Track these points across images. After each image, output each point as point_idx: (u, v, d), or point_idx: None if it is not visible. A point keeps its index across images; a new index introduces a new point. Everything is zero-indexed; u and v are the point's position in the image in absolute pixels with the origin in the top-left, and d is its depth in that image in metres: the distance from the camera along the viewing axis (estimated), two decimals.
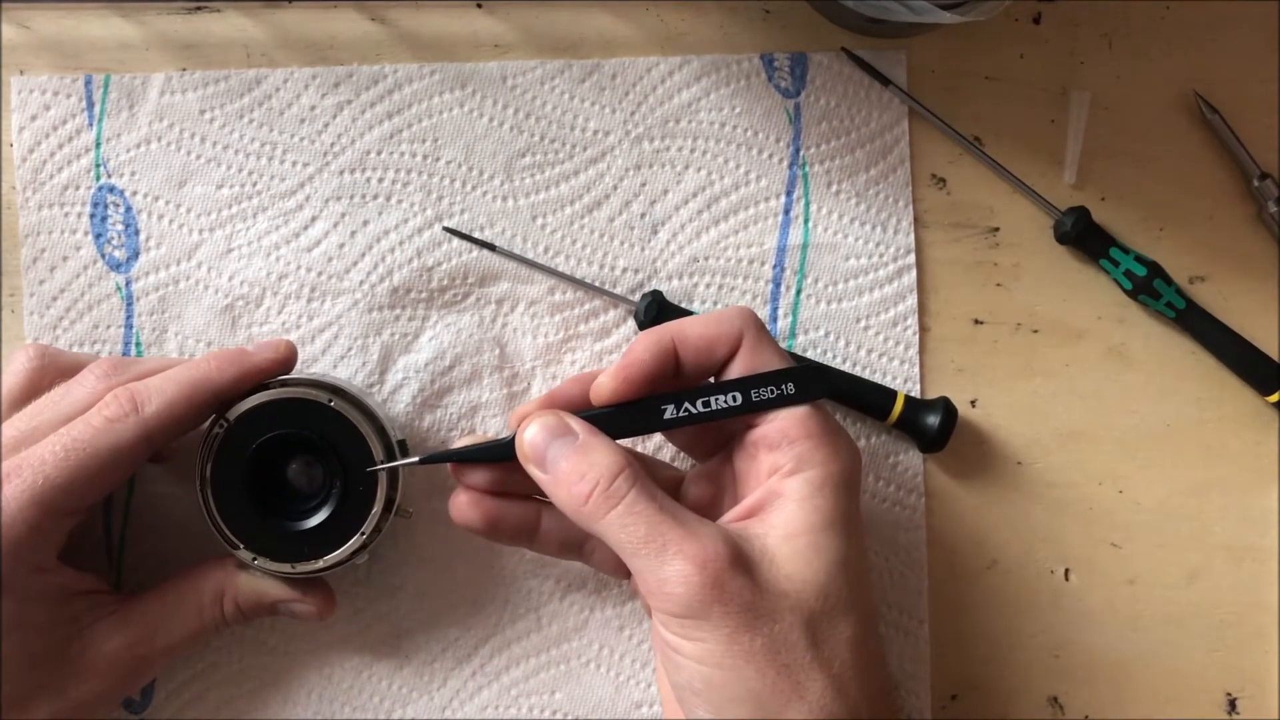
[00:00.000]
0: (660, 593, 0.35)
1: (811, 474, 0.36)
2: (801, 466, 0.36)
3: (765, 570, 0.35)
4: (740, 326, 0.38)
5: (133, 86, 0.46)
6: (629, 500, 0.36)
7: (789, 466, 0.37)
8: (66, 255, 0.45)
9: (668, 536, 0.35)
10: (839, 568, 0.35)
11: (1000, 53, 0.48)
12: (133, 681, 0.40)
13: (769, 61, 0.47)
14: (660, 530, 0.35)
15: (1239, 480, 0.48)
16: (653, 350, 0.38)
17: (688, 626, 0.35)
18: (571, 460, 0.37)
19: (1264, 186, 0.47)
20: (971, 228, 0.48)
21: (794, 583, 0.35)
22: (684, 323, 0.38)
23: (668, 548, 0.35)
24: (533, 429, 0.37)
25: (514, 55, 0.47)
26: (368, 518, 0.40)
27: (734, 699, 0.34)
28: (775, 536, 0.36)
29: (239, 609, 0.41)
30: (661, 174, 0.47)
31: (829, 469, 0.36)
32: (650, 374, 0.38)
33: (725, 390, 0.38)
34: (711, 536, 0.35)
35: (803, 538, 0.35)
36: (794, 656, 0.34)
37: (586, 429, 0.37)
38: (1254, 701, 0.48)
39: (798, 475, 0.36)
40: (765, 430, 0.37)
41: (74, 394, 0.39)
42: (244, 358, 0.40)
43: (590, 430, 0.37)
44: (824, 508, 0.36)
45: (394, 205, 0.46)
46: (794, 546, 0.35)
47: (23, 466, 0.37)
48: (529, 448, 0.37)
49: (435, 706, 0.46)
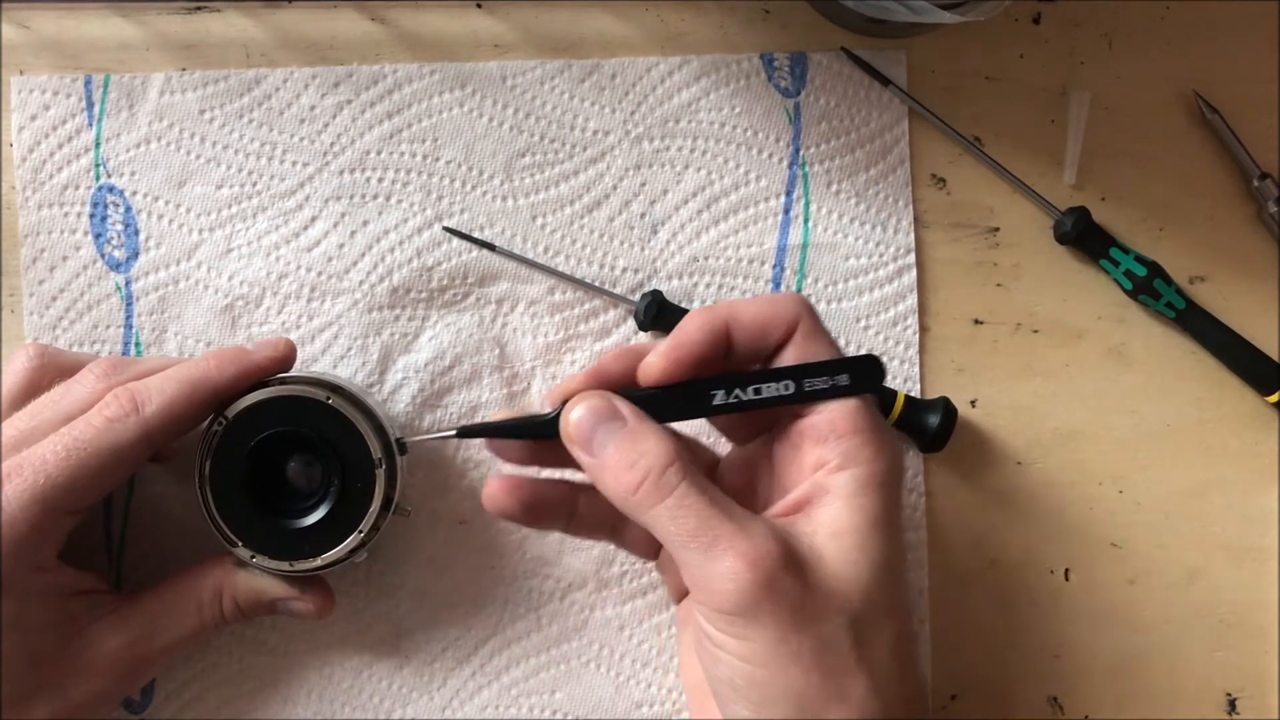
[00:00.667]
0: (709, 589, 0.34)
1: (858, 471, 0.35)
2: (848, 463, 0.35)
3: (814, 570, 0.34)
4: (796, 312, 0.37)
5: (132, 86, 0.46)
6: (680, 492, 0.35)
7: (836, 462, 0.36)
8: (66, 255, 0.45)
9: (718, 531, 0.34)
10: (883, 569, 0.35)
11: (1000, 53, 0.48)
12: (132, 681, 0.40)
13: (769, 61, 0.47)
14: (711, 524, 0.34)
15: (1239, 480, 0.48)
16: (705, 330, 0.36)
17: (736, 624, 0.34)
18: (621, 447, 0.35)
19: (1264, 186, 0.47)
20: (971, 228, 0.48)
21: (841, 583, 0.34)
22: (737, 304, 0.37)
23: (718, 543, 0.34)
24: (579, 410, 0.36)
25: (514, 55, 0.47)
26: (366, 515, 0.40)
27: (776, 698, 0.34)
28: (823, 535, 0.35)
29: (238, 607, 0.41)
30: (661, 174, 0.47)
31: (875, 467, 0.35)
32: (701, 355, 0.36)
33: (778, 378, 0.36)
34: (763, 534, 0.34)
35: (849, 537, 0.35)
36: (839, 658, 0.34)
37: (635, 413, 0.36)
38: (1254, 701, 0.48)
39: (844, 471, 0.35)
40: (813, 421, 0.36)
41: (74, 393, 0.39)
42: (243, 356, 0.40)
43: (639, 415, 0.36)
44: (870, 507, 0.35)
45: (394, 205, 0.46)
46: (841, 545, 0.35)
47: (24, 466, 0.37)
48: (575, 430, 0.36)
49: (435, 706, 0.46)
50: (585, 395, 0.36)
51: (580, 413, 0.36)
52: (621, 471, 0.35)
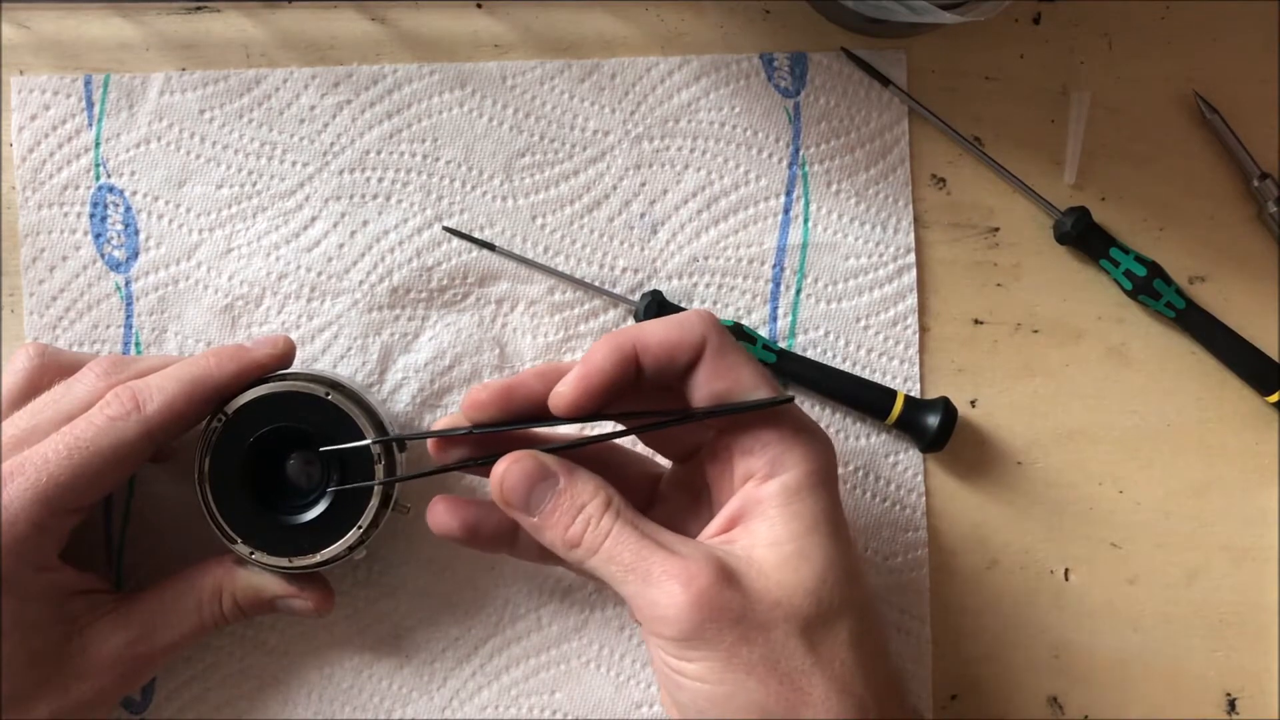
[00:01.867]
0: (653, 617, 0.35)
1: (787, 478, 0.36)
2: (777, 470, 0.36)
3: (754, 581, 0.35)
4: (702, 332, 0.37)
5: (132, 86, 0.46)
6: (614, 534, 0.35)
7: (764, 471, 0.36)
8: (66, 255, 0.45)
9: (651, 561, 0.35)
10: (828, 569, 0.35)
11: (1000, 53, 0.48)
12: (133, 680, 0.40)
13: (769, 61, 0.47)
14: (644, 556, 0.35)
15: (1239, 480, 0.48)
16: (613, 358, 0.36)
17: (684, 648, 0.34)
18: (558, 505, 0.36)
19: (1264, 186, 0.47)
20: (971, 228, 0.48)
21: (785, 590, 0.35)
22: (643, 328, 0.37)
23: (652, 572, 0.35)
24: (513, 474, 0.36)
25: (514, 55, 0.47)
26: (365, 511, 0.40)
27: (739, 712, 0.34)
28: (761, 547, 0.35)
29: (237, 605, 0.41)
30: (661, 174, 0.47)
31: (804, 469, 0.36)
32: (611, 382, 0.36)
33: (691, 419, 0.37)
34: (695, 555, 0.35)
35: (788, 545, 0.35)
36: (794, 663, 0.34)
37: (565, 469, 0.37)
38: (1254, 701, 0.48)
39: (774, 480, 0.36)
40: (738, 435, 0.37)
41: (74, 392, 0.39)
42: (243, 353, 0.40)
43: (569, 468, 0.37)
44: (805, 511, 0.36)
45: (394, 205, 0.46)
46: (781, 554, 0.35)
47: (25, 465, 0.37)
48: (509, 494, 0.36)
49: (435, 706, 0.46)
50: (514, 457, 0.37)
51: (514, 477, 0.36)
52: (562, 530, 0.36)
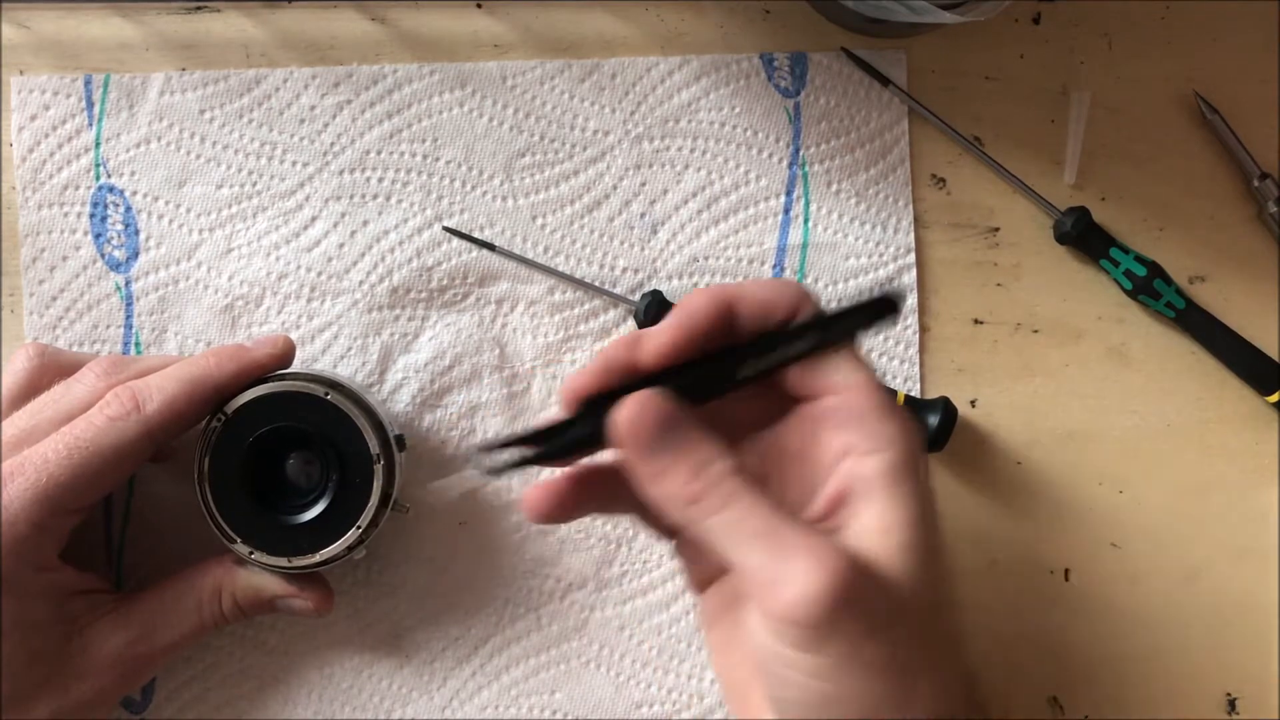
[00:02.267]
0: (779, 598, 0.31)
1: (891, 456, 0.33)
2: (877, 445, 0.33)
3: (879, 573, 0.32)
4: (798, 293, 0.35)
5: (132, 86, 0.46)
6: (742, 497, 0.32)
7: (864, 445, 0.33)
8: (66, 255, 0.45)
9: (786, 533, 0.31)
10: (932, 562, 0.33)
11: (1000, 53, 0.48)
12: (133, 680, 0.40)
13: (769, 61, 0.47)
14: (776, 526, 0.31)
15: (1239, 480, 0.48)
16: (710, 306, 0.34)
17: (810, 637, 0.31)
18: (682, 453, 0.32)
19: (1264, 186, 0.47)
20: (971, 228, 0.48)
21: (901, 583, 0.32)
22: (741, 285, 0.35)
23: (787, 545, 0.31)
24: (634, 412, 0.32)
25: (514, 55, 0.47)
26: (364, 511, 0.40)
27: (852, 712, 0.32)
28: (872, 534, 0.32)
29: (237, 605, 0.41)
30: (661, 174, 0.47)
31: (904, 446, 0.33)
32: (708, 330, 0.34)
33: (803, 332, 0.34)
34: (830, 544, 0.31)
35: (898, 534, 0.32)
36: (909, 661, 0.32)
37: (692, 415, 0.33)
38: (1254, 701, 0.48)
39: (875, 456, 0.33)
40: (829, 405, 0.34)
41: (74, 392, 0.39)
42: (243, 353, 0.40)
43: (695, 418, 0.33)
44: (911, 497, 0.33)
45: (394, 205, 0.46)
46: (892, 543, 0.32)
47: (26, 465, 0.37)
48: (630, 434, 0.32)
49: (435, 706, 0.46)
50: (644, 395, 0.33)
51: (636, 415, 0.32)
52: (684, 480, 0.32)
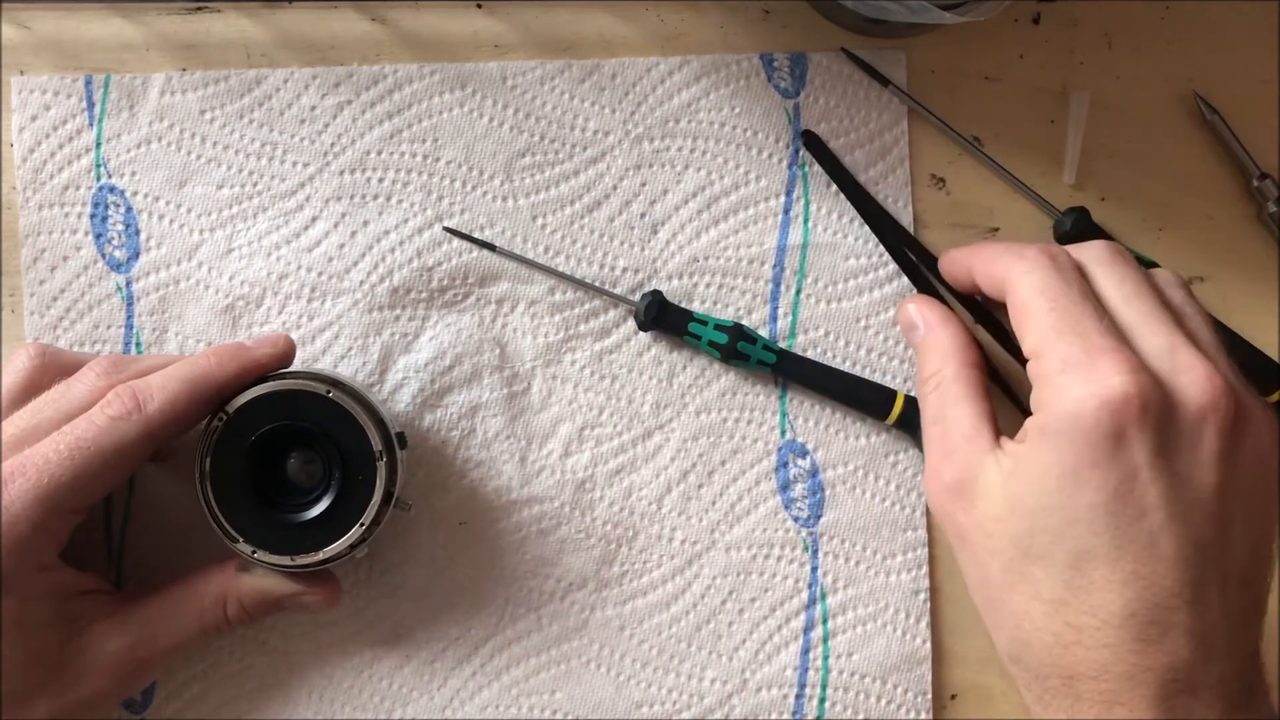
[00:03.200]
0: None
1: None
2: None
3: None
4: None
5: (133, 86, 0.46)
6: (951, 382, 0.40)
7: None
8: (67, 255, 0.46)
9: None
10: None
11: (1000, 53, 0.48)
12: (132, 684, 0.40)
13: (769, 61, 0.47)
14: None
15: None
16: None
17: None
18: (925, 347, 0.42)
19: (1264, 186, 0.47)
20: (971, 228, 0.48)
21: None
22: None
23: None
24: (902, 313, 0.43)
25: (514, 55, 0.47)
26: (367, 508, 0.40)
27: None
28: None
29: (244, 610, 0.41)
30: (661, 174, 0.47)
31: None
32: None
33: None
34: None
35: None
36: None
37: (939, 318, 0.42)
38: None
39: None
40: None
41: (74, 391, 0.39)
42: (243, 352, 0.40)
43: (941, 319, 0.42)
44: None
45: (394, 205, 0.46)
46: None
47: (26, 465, 0.37)
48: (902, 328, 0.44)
49: (435, 706, 0.46)
50: (911, 300, 0.44)
51: (902, 315, 0.44)
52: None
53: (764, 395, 0.47)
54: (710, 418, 0.47)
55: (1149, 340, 0.36)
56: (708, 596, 0.46)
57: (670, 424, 0.47)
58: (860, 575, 0.47)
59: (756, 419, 0.47)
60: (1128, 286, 0.38)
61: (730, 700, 0.46)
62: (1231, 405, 0.35)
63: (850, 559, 0.47)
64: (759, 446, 0.47)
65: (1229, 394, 0.35)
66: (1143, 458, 0.34)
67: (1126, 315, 0.37)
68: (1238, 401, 0.35)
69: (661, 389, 0.47)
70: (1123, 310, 0.37)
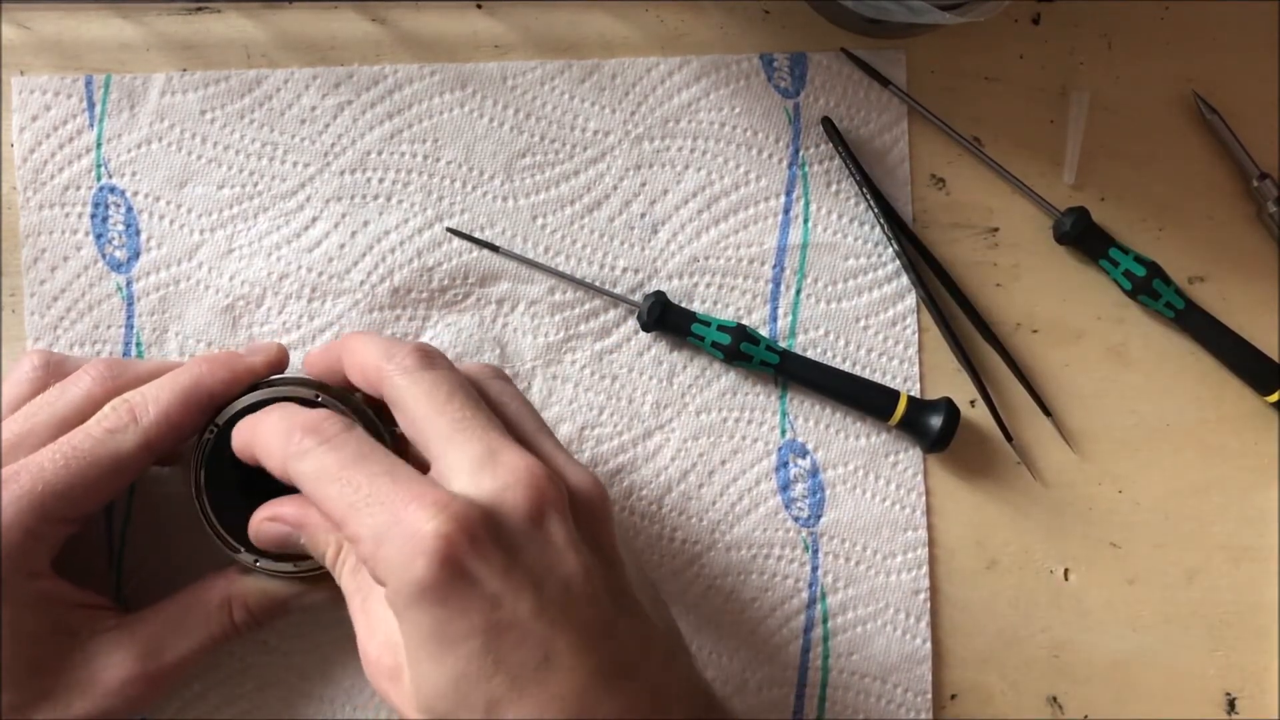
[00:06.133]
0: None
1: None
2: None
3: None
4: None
5: (133, 87, 0.46)
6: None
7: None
8: (67, 255, 0.46)
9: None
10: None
11: (1000, 53, 0.48)
12: (143, 701, 0.39)
13: (769, 62, 0.47)
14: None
15: (1239, 480, 0.48)
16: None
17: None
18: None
19: (1264, 186, 0.47)
20: (971, 228, 0.48)
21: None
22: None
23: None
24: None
25: (514, 55, 0.47)
26: None
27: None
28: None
29: (250, 613, 0.40)
30: (661, 174, 0.47)
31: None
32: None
33: None
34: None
35: None
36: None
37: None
38: (1254, 701, 0.48)
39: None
40: None
41: (69, 394, 0.39)
42: (236, 360, 0.40)
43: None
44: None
45: (394, 205, 0.46)
46: None
47: (21, 472, 0.37)
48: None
49: None
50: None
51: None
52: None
53: (764, 395, 0.47)
54: (710, 418, 0.47)
55: (464, 451, 0.34)
56: (708, 596, 0.46)
57: (670, 424, 0.47)
58: (860, 575, 0.47)
59: (757, 419, 0.47)
60: (439, 394, 0.35)
61: (730, 700, 0.46)
62: (558, 490, 0.33)
63: (850, 559, 0.47)
64: (759, 446, 0.47)
65: (553, 481, 0.33)
66: (496, 582, 0.31)
67: (439, 426, 0.34)
68: (557, 485, 0.33)
69: (662, 389, 0.47)
70: (435, 421, 0.35)
